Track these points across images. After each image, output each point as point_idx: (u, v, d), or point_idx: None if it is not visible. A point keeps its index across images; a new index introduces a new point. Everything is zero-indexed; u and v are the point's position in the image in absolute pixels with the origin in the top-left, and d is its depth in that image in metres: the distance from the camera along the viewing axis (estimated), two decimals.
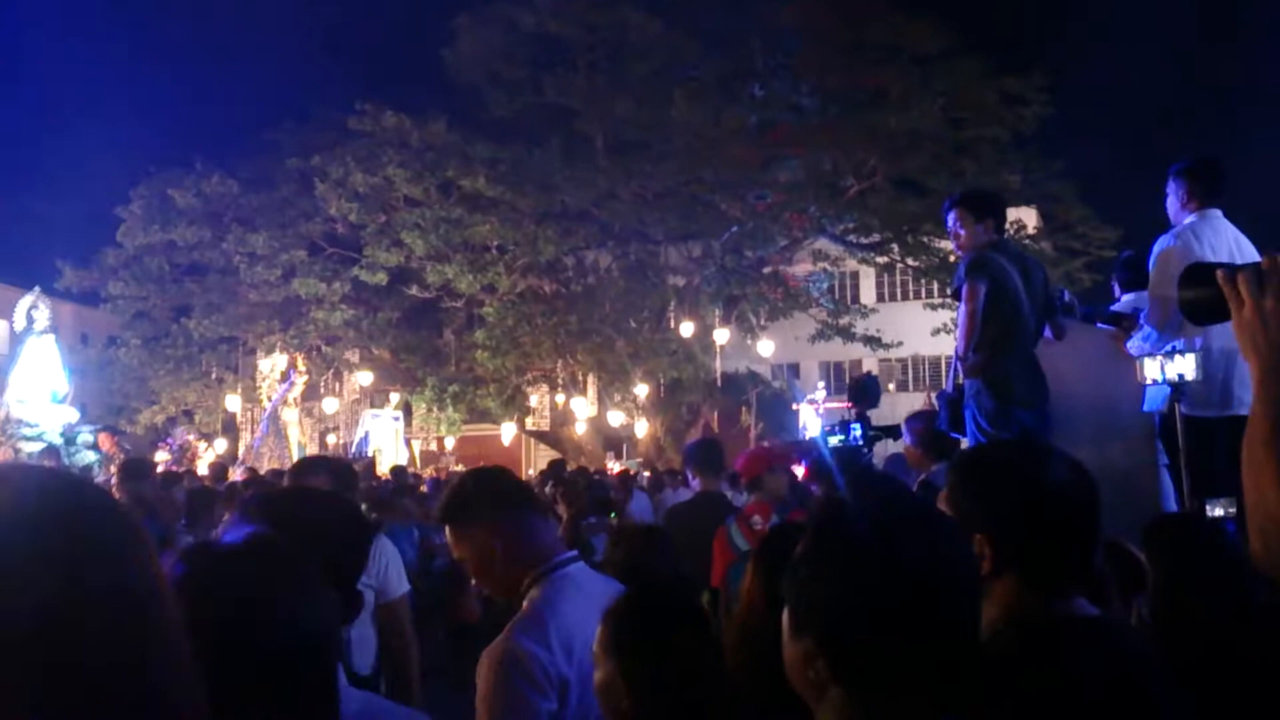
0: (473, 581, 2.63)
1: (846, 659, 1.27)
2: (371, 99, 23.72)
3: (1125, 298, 5.95)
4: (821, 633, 1.29)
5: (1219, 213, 5.16)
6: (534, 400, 25.94)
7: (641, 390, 24.56)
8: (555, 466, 13.66)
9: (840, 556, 1.32)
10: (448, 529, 2.55)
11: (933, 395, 5.84)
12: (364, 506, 10.46)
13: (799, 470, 5.71)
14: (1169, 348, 4.69)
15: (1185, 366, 4.43)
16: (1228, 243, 5.10)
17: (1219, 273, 1.49)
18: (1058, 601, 1.70)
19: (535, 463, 28.68)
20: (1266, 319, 1.43)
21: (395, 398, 25.16)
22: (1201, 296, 1.53)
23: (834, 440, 5.25)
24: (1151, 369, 4.53)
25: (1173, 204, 5.26)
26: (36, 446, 15.52)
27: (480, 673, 2.27)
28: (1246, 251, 5.15)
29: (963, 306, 5.00)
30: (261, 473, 15.27)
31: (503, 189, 23.37)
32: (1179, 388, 4.49)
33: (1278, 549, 1.41)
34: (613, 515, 6.25)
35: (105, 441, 15.52)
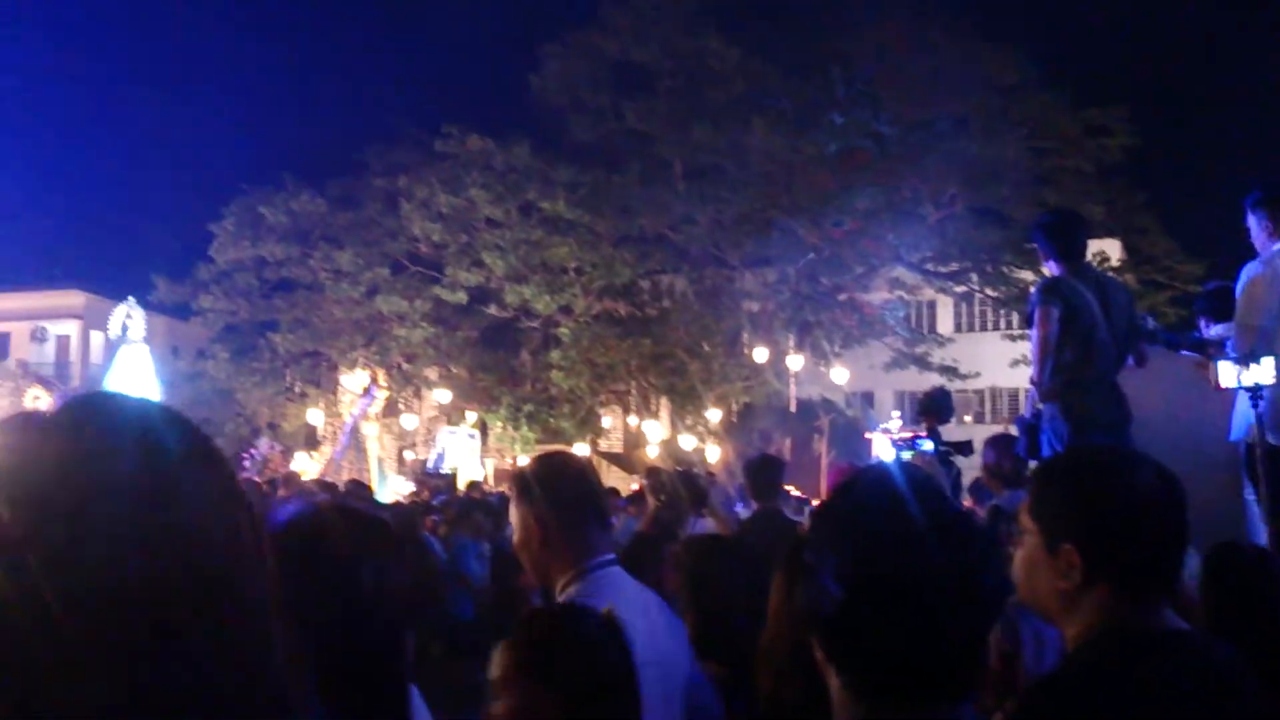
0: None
1: (834, 649, 1.23)
2: (457, 122, 24.26)
3: (1215, 329, 5.83)
4: (808, 617, 1.26)
5: None
6: (607, 422, 26.08)
7: (714, 415, 24.54)
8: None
9: (834, 554, 1.23)
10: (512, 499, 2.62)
11: (1011, 428, 5.72)
12: (438, 520, 10.70)
13: None
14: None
15: (1263, 374, 4.32)
16: None
17: None
18: (1150, 613, 1.62)
19: (606, 485, 28.69)
20: None
21: (472, 415, 25.48)
22: None
23: (905, 455, 5.16)
24: (1227, 376, 4.41)
25: (1259, 235, 5.12)
26: None
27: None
28: None
29: (1034, 331, 4.95)
30: (340, 486, 15.62)
31: (582, 212, 23.69)
32: (1258, 395, 4.37)
33: None
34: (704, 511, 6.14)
35: None
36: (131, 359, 20.17)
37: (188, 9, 63.40)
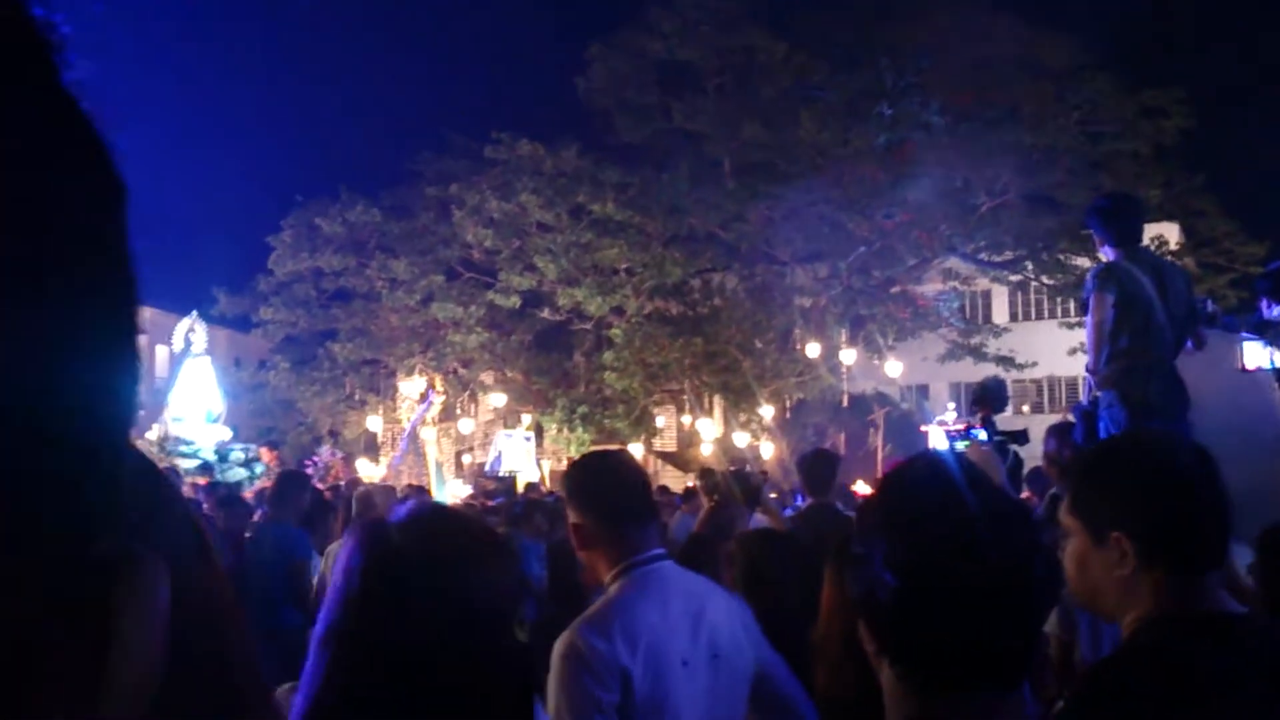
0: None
1: (880, 635, 1.24)
2: (506, 129, 24.52)
3: (1276, 310, 5.74)
4: (860, 608, 1.26)
5: None
6: (661, 421, 26.15)
7: (767, 411, 24.50)
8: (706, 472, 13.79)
9: (884, 543, 1.23)
10: None
11: (1069, 417, 5.69)
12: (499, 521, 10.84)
13: None
14: None
15: None
16: None
17: None
18: (1207, 596, 1.64)
19: (660, 483, 28.80)
20: None
21: (527, 418, 25.71)
22: None
23: (960, 446, 5.15)
24: (1254, 357, 4.41)
25: None
26: (192, 463, 16.46)
27: (552, 665, 2.34)
28: None
29: (1090, 318, 4.92)
30: (399, 490, 15.88)
31: (631, 213, 23.81)
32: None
33: None
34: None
35: (266, 454, 16.41)
36: (195, 372, 20.69)
37: (240, 27, 64.71)
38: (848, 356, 24.34)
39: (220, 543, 8.17)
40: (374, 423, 25.68)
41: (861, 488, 12.20)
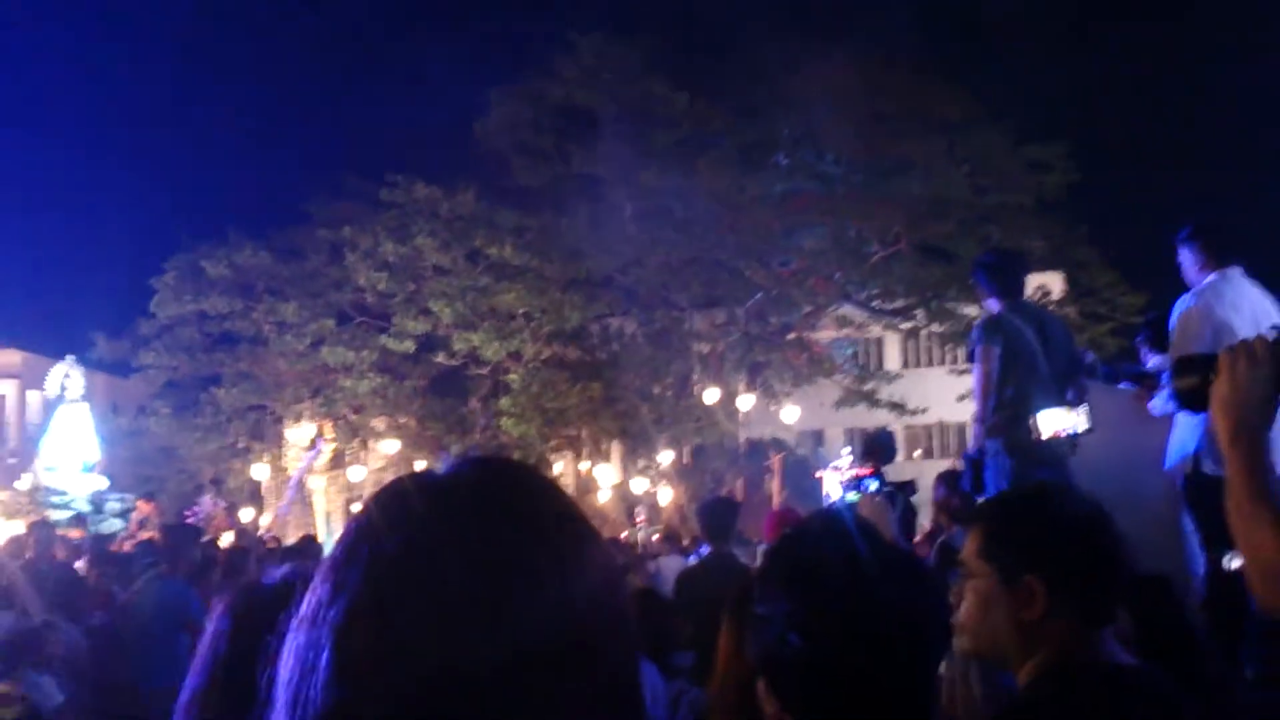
0: None
1: (785, 694, 1.24)
2: (402, 171, 24.21)
3: (1154, 360, 5.94)
4: (764, 668, 1.28)
5: (1239, 270, 5.12)
6: (558, 467, 25.93)
7: (666, 457, 24.53)
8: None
9: (788, 604, 1.26)
10: None
11: (959, 462, 5.89)
12: None
13: None
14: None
15: (1079, 421, 4.79)
16: (1250, 300, 5.07)
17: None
18: (1104, 647, 1.68)
19: None
20: (1236, 382, 1.58)
21: (421, 465, 25.23)
22: (1191, 385, 1.73)
23: (851, 497, 5.27)
24: (1048, 425, 4.78)
25: (1189, 270, 5.25)
26: (65, 514, 15.65)
27: None
28: (1269, 308, 5.12)
29: (976, 369, 5.08)
30: (287, 542, 15.31)
31: (529, 256, 23.72)
32: (1074, 443, 4.73)
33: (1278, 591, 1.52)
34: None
35: (145, 507, 15.75)
36: (70, 418, 19.82)
37: (127, 60, 63.11)
38: (745, 402, 24.57)
39: (90, 601, 7.73)
40: (259, 471, 24.86)
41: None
